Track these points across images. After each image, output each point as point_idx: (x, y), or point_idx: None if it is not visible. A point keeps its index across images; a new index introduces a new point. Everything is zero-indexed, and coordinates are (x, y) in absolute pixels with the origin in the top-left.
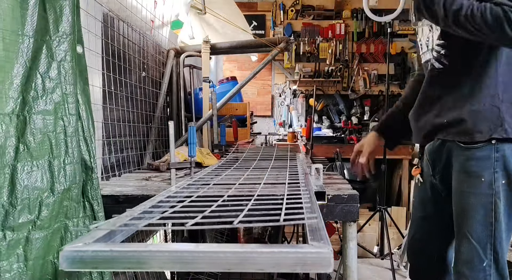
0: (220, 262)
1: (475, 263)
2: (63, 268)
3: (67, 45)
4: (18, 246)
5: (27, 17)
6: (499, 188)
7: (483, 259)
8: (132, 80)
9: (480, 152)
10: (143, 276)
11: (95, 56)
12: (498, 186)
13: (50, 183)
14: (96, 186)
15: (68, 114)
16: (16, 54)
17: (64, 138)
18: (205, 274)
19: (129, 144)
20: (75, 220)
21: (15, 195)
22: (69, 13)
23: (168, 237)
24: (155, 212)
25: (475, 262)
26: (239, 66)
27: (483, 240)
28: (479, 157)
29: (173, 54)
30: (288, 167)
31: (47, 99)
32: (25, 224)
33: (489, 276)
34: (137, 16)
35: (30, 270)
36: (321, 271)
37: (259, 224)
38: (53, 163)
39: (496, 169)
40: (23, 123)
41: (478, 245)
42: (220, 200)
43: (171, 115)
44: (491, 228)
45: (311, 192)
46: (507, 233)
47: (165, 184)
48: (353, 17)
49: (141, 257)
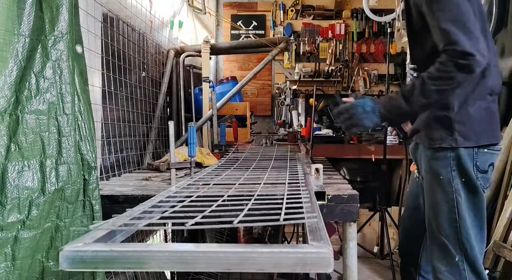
0: (220, 262)
1: (448, 258)
2: (63, 268)
3: (63, 44)
4: (6, 245)
5: (23, 17)
6: (458, 185)
7: (454, 254)
8: (132, 80)
9: (438, 153)
10: (143, 276)
11: (94, 56)
12: (457, 183)
13: (41, 183)
14: (96, 186)
15: (63, 114)
16: (11, 54)
17: (57, 138)
18: (205, 274)
19: (129, 144)
20: (67, 220)
21: (5, 194)
22: (66, 13)
23: (168, 237)
24: (155, 212)
25: (448, 257)
26: (239, 66)
27: (451, 236)
28: (438, 157)
29: (173, 54)
30: (288, 167)
31: (41, 99)
32: (14, 223)
33: (464, 271)
34: (137, 16)
35: (17, 270)
36: (321, 271)
37: (259, 224)
38: (45, 163)
39: (452, 168)
40: (16, 122)
41: (447, 241)
42: (220, 200)
43: (171, 115)
44: (456, 225)
45: (311, 192)
46: (474, 230)
47: (165, 184)
48: (353, 17)
49: (141, 257)
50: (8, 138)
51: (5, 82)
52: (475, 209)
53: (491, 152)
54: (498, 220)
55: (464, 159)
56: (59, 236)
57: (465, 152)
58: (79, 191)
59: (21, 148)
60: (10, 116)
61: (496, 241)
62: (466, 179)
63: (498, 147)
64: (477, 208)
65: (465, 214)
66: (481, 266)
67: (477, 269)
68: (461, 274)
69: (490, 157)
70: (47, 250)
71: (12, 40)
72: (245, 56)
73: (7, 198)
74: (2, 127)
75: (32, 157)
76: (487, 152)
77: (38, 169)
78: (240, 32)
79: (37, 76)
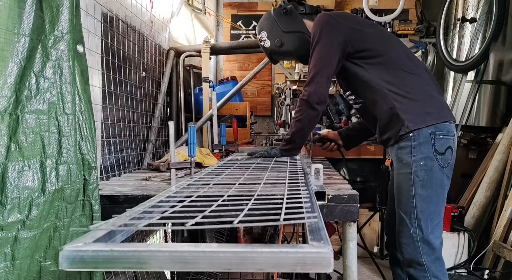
0: (220, 262)
1: (405, 231)
2: (63, 268)
3: (64, 44)
4: (6, 245)
5: (23, 16)
6: (416, 167)
7: (409, 227)
8: (132, 80)
9: (402, 142)
10: (143, 276)
11: (94, 56)
12: (416, 166)
13: (41, 183)
14: (96, 186)
15: (63, 114)
16: (11, 53)
17: (58, 138)
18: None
19: (129, 144)
20: (66, 220)
21: (5, 194)
22: (67, 12)
23: (168, 237)
24: (155, 212)
25: (405, 230)
26: (239, 66)
27: (408, 211)
28: (402, 146)
29: (173, 54)
30: (288, 167)
31: (41, 99)
32: (14, 223)
33: (417, 242)
34: (137, 16)
35: (17, 270)
36: (321, 271)
37: (259, 224)
38: (45, 162)
39: (413, 154)
40: (16, 122)
41: (405, 215)
42: (220, 200)
43: (171, 115)
44: (412, 200)
45: (311, 192)
46: (427, 204)
47: (165, 184)
48: None
49: (141, 257)
50: (8, 138)
51: (5, 82)
52: (432, 187)
53: (446, 138)
54: (498, 220)
55: (423, 145)
56: (57, 236)
57: (424, 139)
58: (79, 191)
59: (21, 148)
60: (10, 116)
61: (496, 241)
62: (425, 161)
63: (451, 132)
64: (434, 186)
65: (421, 191)
66: (436, 238)
67: (428, 240)
68: (414, 244)
69: (446, 141)
70: (45, 250)
71: (13, 40)
72: (245, 56)
73: (7, 198)
74: (2, 127)
75: (32, 157)
76: (442, 138)
77: (38, 168)
78: (240, 32)
79: (37, 76)
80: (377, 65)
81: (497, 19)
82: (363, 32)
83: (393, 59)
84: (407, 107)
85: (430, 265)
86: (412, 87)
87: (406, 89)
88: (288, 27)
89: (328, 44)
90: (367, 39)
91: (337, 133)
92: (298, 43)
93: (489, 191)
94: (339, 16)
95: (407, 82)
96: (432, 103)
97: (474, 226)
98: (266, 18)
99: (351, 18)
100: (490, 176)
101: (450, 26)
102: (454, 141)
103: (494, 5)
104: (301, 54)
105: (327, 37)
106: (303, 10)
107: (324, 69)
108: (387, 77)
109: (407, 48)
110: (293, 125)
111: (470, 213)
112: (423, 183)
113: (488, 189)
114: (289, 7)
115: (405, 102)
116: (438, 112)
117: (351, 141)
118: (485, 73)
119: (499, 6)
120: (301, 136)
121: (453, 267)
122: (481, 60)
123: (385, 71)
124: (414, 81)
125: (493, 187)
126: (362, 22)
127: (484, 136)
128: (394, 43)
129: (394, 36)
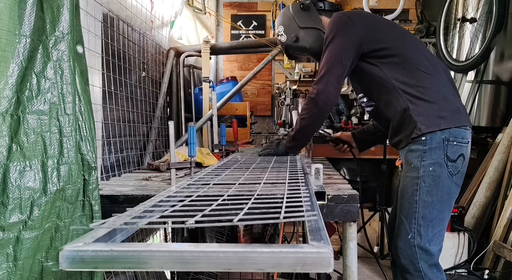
0: (220, 262)
1: (403, 235)
2: (63, 267)
3: (65, 45)
4: (8, 246)
5: (24, 17)
6: (424, 173)
7: (408, 232)
8: (132, 80)
9: (413, 145)
10: (143, 276)
11: (95, 56)
12: (424, 171)
13: (42, 183)
14: (96, 186)
15: (64, 114)
16: (12, 54)
17: (59, 139)
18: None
19: (129, 144)
20: (67, 220)
21: (6, 194)
22: (67, 13)
23: (168, 237)
24: (156, 211)
25: (403, 234)
26: (239, 66)
27: (409, 215)
28: (412, 149)
29: (173, 54)
30: (288, 167)
31: (42, 99)
32: (16, 223)
33: (414, 247)
34: (137, 16)
35: (19, 270)
36: (321, 271)
37: (259, 222)
38: (46, 163)
39: (423, 158)
40: (17, 123)
41: (405, 220)
42: (220, 199)
43: (171, 115)
44: (415, 205)
45: (311, 191)
46: (429, 210)
47: (165, 184)
48: None
49: (141, 257)
50: (9, 139)
51: (7, 83)
52: (437, 194)
53: (459, 145)
54: (498, 220)
55: (434, 150)
56: (58, 236)
57: (436, 144)
58: (79, 191)
59: (22, 148)
60: (12, 117)
61: (496, 241)
62: (434, 167)
63: (466, 139)
64: (441, 193)
65: (425, 197)
66: (434, 245)
67: (426, 247)
68: (412, 249)
69: (459, 148)
70: (47, 250)
71: (14, 41)
72: (245, 56)
73: (9, 198)
74: (4, 128)
75: (33, 157)
76: (456, 145)
77: (39, 169)
78: (240, 32)
79: (38, 76)
80: (392, 64)
81: (497, 19)
82: (380, 30)
83: (410, 57)
84: (421, 109)
85: (427, 272)
86: (428, 88)
87: (421, 90)
88: (304, 23)
89: (341, 45)
90: (383, 37)
91: (351, 135)
92: (313, 39)
93: (489, 191)
94: (355, 16)
95: (422, 83)
96: (447, 106)
97: (474, 226)
98: (284, 13)
99: (368, 18)
100: (490, 176)
101: (450, 26)
102: (467, 148)
103: (494, 5)
104: (315, 51)
105: (341, 37)
106: (322, 6)
107: (335, 69)
108: (402, 77)
109: (425, 46)
110: (298, 122)
111: (470, 213)
112: (428, 189)
113: (488, 189)
114: (307, 3)
115: (420, 104)
116: (453, 115)
117: (365, 143)
118: (485, 73)
119: (499, 6)
120: (305, 134)
121: (453, 267)
122: (481, 60)
123: (400, 71)
124: (430, 82)
125: (493, 187)
126: (379, 21)
127: (484, 136)
128: (411, 41)
129: (411, 34)
